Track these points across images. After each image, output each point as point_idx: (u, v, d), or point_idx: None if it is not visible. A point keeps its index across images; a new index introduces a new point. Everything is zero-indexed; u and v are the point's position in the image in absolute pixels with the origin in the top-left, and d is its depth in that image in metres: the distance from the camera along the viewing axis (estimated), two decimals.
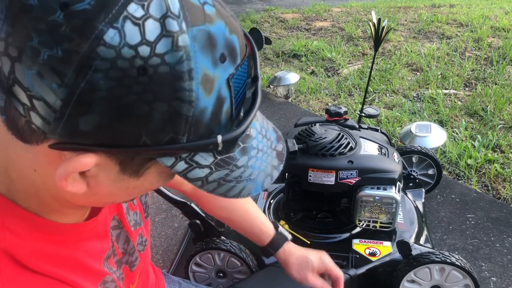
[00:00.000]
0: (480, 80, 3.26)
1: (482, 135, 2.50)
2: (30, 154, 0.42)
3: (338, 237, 1.44)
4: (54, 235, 0.49)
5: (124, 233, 0.66)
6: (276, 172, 0.49)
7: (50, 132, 0.37)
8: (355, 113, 2.83)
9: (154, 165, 0.42)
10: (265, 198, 1.65)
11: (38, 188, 0.46)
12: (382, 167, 1.32)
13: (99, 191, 0.44)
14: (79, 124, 0.36)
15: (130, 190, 0.45)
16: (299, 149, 1.34)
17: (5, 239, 0.44)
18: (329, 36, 4.47)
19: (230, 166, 0.43)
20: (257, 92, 0.44)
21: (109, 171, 0.41)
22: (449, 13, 5.01)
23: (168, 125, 0.37)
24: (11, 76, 0.36)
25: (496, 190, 2.10)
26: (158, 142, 0.38)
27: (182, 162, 0.41)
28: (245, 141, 0.45)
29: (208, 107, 0.38)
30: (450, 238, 1.77)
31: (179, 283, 1.01)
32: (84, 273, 0.52)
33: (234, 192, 0.45)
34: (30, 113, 0.37)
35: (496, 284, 1.56)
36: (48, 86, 0.35)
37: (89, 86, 0.34)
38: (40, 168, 0.43)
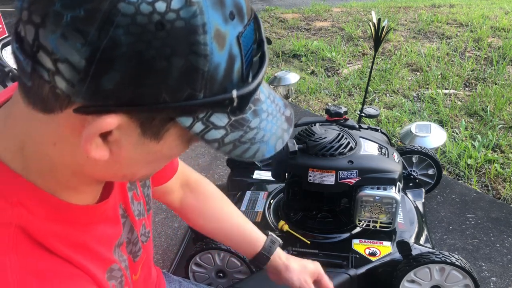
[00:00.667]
0: (480, 80, 3.26)
1: (482, 135, 2.50)
2: (50, 127, 0.43)
3: (338, 237, 1.44)
4: (66, 216, 0.50)
5: (129, 222, 0.66)
6: (287, 135, 0.51)
7: (74, 94, 0.38)
8: (355, 113, 2.83)
9: (174, 126, 0.43)
10: (265, 198, 1.65)
11: (55, 164, 0.47)
12: (382, 167, 1.32)
13: (120, 159, 0.45)
14: (102, 83, 0.37)
15: (150, 157, 0.46)
16: (299, 149, 1.34)
17: (21, 216, 0.45)
18: (329, 36, 4.47)
19: (244, 127, 0.45)
20: (264, 54, 0.46)
21: (130, 135, 0.42)
22: (449, 13, 5.02)
23: (185, 80, 0.39)
24: (35, 43, 0.38)
25: (496, 190, 2.10)
26: (177, 99, 0.40)
27: (199, 123, 0.42)
28: (256, 104, 0.47)
29: (221, 63, 0.40)
30: (450, 238, 1.77)
31: (179, 282, 1.01)
32: (92, 259, 0.52)
33: (249, 153, 0.47)
34: (55, 77, 0.38)
35: (496, 284, 1.56)
36: (72, 46, 0.36)
37: (111, 43, 0.36)
38: (60, 140, 0.44)
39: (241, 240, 0.94)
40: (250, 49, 0.43)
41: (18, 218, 0.45)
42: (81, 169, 0.47)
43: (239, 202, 1.65)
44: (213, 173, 2.26)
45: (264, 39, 0.46)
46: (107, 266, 0.56)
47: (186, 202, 0.94)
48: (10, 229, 0.44)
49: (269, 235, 0.94)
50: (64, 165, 0.47)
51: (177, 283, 1.00)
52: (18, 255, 0.43)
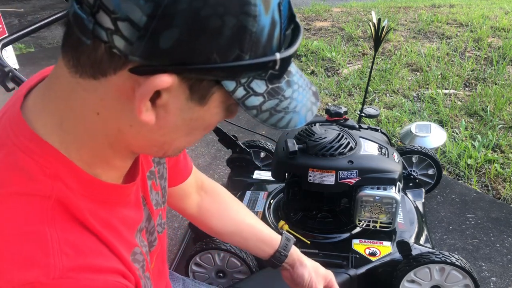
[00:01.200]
0: (480, 80, 3.26)
1: (482, 135, 2.50)
2: (96, 94, 0.44)
3: (338, 237, 1.44)
4: (97, 193, 0.51)
5: (147, 210, 0.67)
6: (315, 108, 0.52)
7: (132, 53, 0.40)
8: (355, 113, 2.83)
9: (218, 91, 0.45)
10: (265, 198, 1.65)
11: (95, 136, 0.48)
12: (382, 167, 1.33)
13: (165, 123, 0.46)
14: (160, 40, 0.39)
15: (192, 123, 0.48)
16: (299, 149, 1.34)
17: (60, 189, 0.46)
18: (329, 36, 4.47)
19: (279, 96, 0.47)
20: (299, 26, 0.48)
21: (178, 98, 0.44)
22: (449, 13, 5.01)
23: (235, 40, 0.41)
24: (96, 3, 0.39)
25: (496, 190, 2.10)
26: (226, 59, 0.41)
27: (241, 88, 0.44)
28: (288, 75, 0.49)
29: (266, 27, 0.42)
30: (450, 238, 1.77)
31: (183, 280, 1.02)
32: (119, 239, 0.53)
33: (283, 122, 0.48)
34: (113, 36, 0.39)
35: (496, 284, 1.56)
36: (135, 3, 0.38)
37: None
38: (105, 108, 0.45)
39: (259, 241, 0.93)
40: (285, 19, 0.45)
41: (57, 192, 0.46)
42: (122, 137, 0.48)
43: None
44: (213, 173, 2.26)
45: (295, 14, 0.48)
46: (131, 248, 0.57)
47: (204, 206, 0.93)
48: (50, 202, 0.45)
49: (283, 233, 0.94)
50: (105, 136, 0.48)
51: (181, 281, 1.01)
52: (57, 227, 0.45)
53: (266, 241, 0.93)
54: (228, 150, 1.82)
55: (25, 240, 0.42)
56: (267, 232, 0.94)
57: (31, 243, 0.42)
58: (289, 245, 0.93)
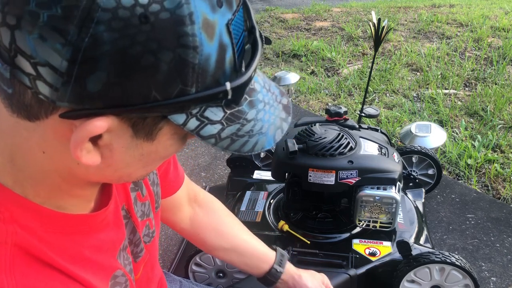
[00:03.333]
0: (480, 80, 3.26)
1: (482, 135, 2.50)
2: (37, 134, 0.41)
3: (338, 237, 1.44)
4: (62, 227, 0.48)
5: (131, 223, 0.65)
6: (286, 124, 0.49)
7: (59, 99, 0.36)
8: (355, 113, 2.83)
9: (167, 125, 0.41)
10: (265, 198, 1.65)
11: (47, 172, 0.45)
12: (382, 167, 1.32)
13: (113, 162, 0.43)
14: (87, 85, 0.35)
15: (145, 158, 0.45)
16: (299, 149, 1.34)
17: (16, 233, 0.43)
18: (329, 36, 4.47)
19: (240, 120, 0.43)
20: (256, 42, 0.43)
21: (122, 137, 0.41)
22: (449, 13, 5.01)
23: (176, 75, 0.37)
24: (12, 46, 0.36)
25: (496, 190, 2.10)
26: (168, 96, 0.37)
27: (193, 119, 0.40)
28: (251, 95, 0.44)
29: (212, 54, 0.38)
30: (450, 238, 1.77)
31: (180, 281, 1.01)
32: (93, 269, 0.51)
33: (248, 147, 0.45)
34: (37, 82, 0.36)
35: (496, 284, 1.56)
36: (51, 47, 0.34)
37: (93, 41, 0.34)
38: (49, 148, 0.42)
39: (254, 257, 0.91)
40: (241, 36, 0.41)
41: (13, 236, 0.43)
42: (74, 174, 0.45)
43: (239, 202, 1.65)
44: (213, 173, 2.26)
45: (255, 25, 0.44)
46: (110, 274, 0.55)
47: (197, 220, 0.90)
48: (6, 248, 0.43)
49: (277, 249, 0.93)
50: (56, 172, 0.45)
51: (178, 283, 1.00)
52: (15, 274, 0.42)
53: (261, 257, 0.91)
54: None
55: None
56: (262, 248, 0.92)
57: None
58: (284, 260, 0.92)
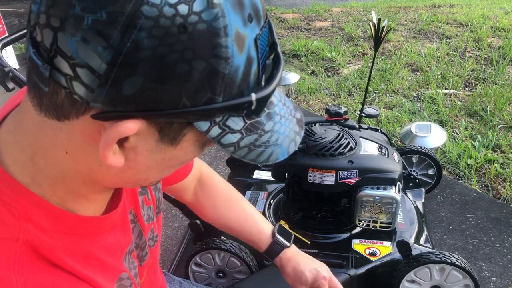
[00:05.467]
0: (480, 80, 3.26)
1: (482, 135, 2.50)
2: (63, 134, 0.42)
3: (338, 237, 1.44)
4: (73, 228, 0.49)
5: (138, 227, 0.66)
6: (299, 138, 0.51)
7: (93, 100, 0.38)
8: (355, 113, 2.83)
9: (191, 131, 0.43)
10: (265, 198, 1.65)
11: (67, 173, 0.46)
12: (382, 167, 1.32)
13: (135, 165, 0.45)
14: (123, 88, 0.37)
15: (165, 163, 0.46)
16: (299, 149, 1.34)
17: (28, 231, 0.44)
18: (329, 36, 4.47)
19: (258, 131, 0.45)
20: (279, 56, 0.46)
21: (148, 141, 0.42)
22: (449, 13, 5.01)
23: (206, 84, 0.38)
24: (53, 47, 0.37)
25: (496, 190, 2.10)
26: (197, 103, 0.39)
27: (216, 127, 0.42)
28: (269, 107, 0.47)
29: (240, 66, 0.40)
30: (450, 238, 1.77)
31: (180, 282, 1.01)
32: (101, 270, 0.52)
33: (264, 157, 0.47)
34: (73, 82, 0.37)
35: (496, 284, 1.56)
36: (93, 50, 0.35)
37: (134, 46, 0.35)
38: (73, 148, 0.43)
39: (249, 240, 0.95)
40: (265, 52, 0.43)
41: (25, 234, 0.44)
42: (93, 176, 0.47)
43: None
44: None
45: (277, 41, 0.46)
46: (116, 276, 0.55)
47: (198, 196, 0.96)
48: (17, 245, 0.43)
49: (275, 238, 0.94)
50: (76, 173, 0.46)
51: (178, 284, 1.00)
52: (24, 271, 0.43)
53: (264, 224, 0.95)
54: None
55: None
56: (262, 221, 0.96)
57: None
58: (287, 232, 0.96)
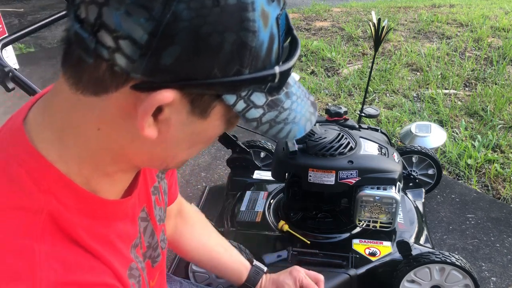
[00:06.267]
0: (480, 80, 3.26)
1: (482, 135, 2.50)
2: (97, 110, 0.44)
3: (338, 237, 1.44)
4: (93, 209, 0.50)
5: (150, 226, 0.66)
6: (314, 118, 0.54)
7: (134, 70, 0.40)
8: (355, 113, 2.83)
9: (219, 104, 0.45)
10: (265, 198, 1.65)
11: (96, 151, 0.48)
12: (382, 167, 1.32)
13: (167, 138, 0.47)
14: (162, 58, 0.40)
15: (194, 137, 0.49)
16: (299, 149, 1.34)
17: (51, 204, 0.46)
18: (329, 36, 4.47)
19: (278, 108, 0.48)
20: (296, 38, 0.49)
21: (180, 112, 0.45)
22: (449, 13, 5.01)
23: (235, 56, 0.41)
24: (97, 22, 0.40)
25: (496, 190, 2.10)
26: (227, 74, 0.42)
27: (241, 101, 0.45)
28: (287, 87, 0.50)
29: (264, 41, 0.43)
30: (450, 238, 1.77)
31: (180, 282, 1.01)
32: (115, 254, 0.52)
33: (283, 133, 0.50)
34: (115, 55, 0.40)
35: (496, 284, 1.56)
36: (136, 22, 0.38)
37: (174, 18, 0.38)
38: (106, 124, 0.46)
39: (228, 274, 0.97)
40: (283, 32, 0.46)
41: (49, 207, 0.46)
42: (124, 152, 0.49)
43: (239, 202, 1.65)
44: (213, 173, 2.26)
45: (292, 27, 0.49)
46: (128, 264, 0.56)
47: (178, 229, 0.95)
48: (41, 217, 0.45)
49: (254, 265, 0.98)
50: (106, 151, 0.48)
51: (178, 284, 1.00)
52: (46, 242, 0.44)
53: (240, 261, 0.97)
54: (228, 150, 1.82)
55: (13, 255, 0.42)
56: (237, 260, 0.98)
57: (18, 258, 0.42)
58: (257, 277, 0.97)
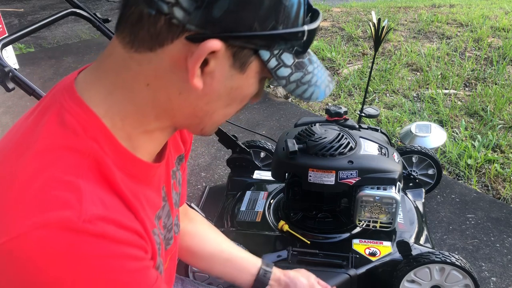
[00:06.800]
0: (480, 80, 3.26)
1: (482, 135, 2.50)
2: (151, 65, 0.50)
3: (338, 237, 1.44)
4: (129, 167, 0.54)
5: (167, 206, 0.68)
6: (332, 85, 0.60)
7: (189, 22, 0.46)
8: (355, 113, 2.83)
9: (255, 60, 0.51)
10: (265, 198, 1.65)
11: (142, 106, 0.53)
12: (382, 167, 1.32)
13: (210, 90, 0.52)
14: (213, 10, 0.46)
15: (232, 93, 0.54)
16: (299, 149, 1.34)
17: (97, 151, 0.51)
18: (329, 36, 4.47)
19: (303, 70, 0.55)
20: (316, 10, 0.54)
21: (223, 66, 0.50)
22: (449, 13, 5.01)
23: (273, 12, 0.48)
24: None
25: (496, 190, 2.10)
26: (265, 28, 0.48)
27: (274, 58, 0.51)
28: (309, 54, 0.56)
29: (294, 4, 0.49)
30: (450, 238, 1.77)
31: (182, 280, 1.02)
32: (144, 212, 0.55)
33: (307, 94, 0.56)
34: (174, 8, 0.46)
35: (496, 284, 1.56)
36: None
37: None
38: (157, 78, 0.51)
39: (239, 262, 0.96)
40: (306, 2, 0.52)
41: (95, 152, 0.50)
42: (169, 106, 0.53)
43: (239, 202, 1.65)
44: (213, 173, 2.26)
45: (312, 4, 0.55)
46: (152, 227, 0.58)
47: (185, 229, 0.96)
48: (88, 159, 0.50)
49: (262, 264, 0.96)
50: (152, 106, 0.53)
51: (180, 281, 1.01)
52: (90, 183, 0.48)
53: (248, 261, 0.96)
54: (228, 150, 1.82)
55: (63, 187, 0.47)
56: (247, 254, 0.97)
57: (67, 190, 0.46)
58: (270, 263, 0.97)
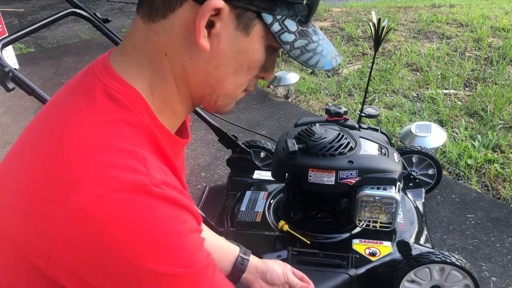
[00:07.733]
0: (480, 80, 3.26)
1: (482, 135, 2.50)
2: (166, 33, 0.54)
3: (338, 237, 1.44)
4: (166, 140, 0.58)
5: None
6: (340, 59, 0.60)
7: None
8: (355, 113, 2.83)
9: (259, 24, 0.54)
10: (265, 198, 1.65)
11: (165, 77, 0.57)
12: (382, 167, 1.32)
13: (217, 53, 0.55)
14: None
15: (238, 57, 0.56)
16: (299, 149, 1.34)
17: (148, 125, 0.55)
18: (329, 36, 4.47)
19: (308, 38, 0.56)
20: None
21: (228, 28, 0.53)
22: (449, 13, 5.01)
23: None
24: None
25: (496, 190, 2.10)
26: None
27: (277, 23, 0.54)
28: (314, 25, 0.58)
29: None
30: (450, 238, 1.77)
31: None
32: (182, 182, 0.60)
33: (313, 61, 0.57)
34: None
35: (496, 284, 1.56)
36: None
37: None
38: (172, 46, 0.55)
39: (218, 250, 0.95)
40: None
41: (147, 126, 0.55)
42: (185, 75, 0.57)
43: (239, 202, 1.65)
44: (213, 173, 2.26)
45: None
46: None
47: None
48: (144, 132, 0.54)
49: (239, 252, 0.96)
50: (172, 75, 0.57)
51: None
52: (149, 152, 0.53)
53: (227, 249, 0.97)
54: (228, 150, 1.82)
55: (131, 156, 0.51)
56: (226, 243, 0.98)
57: (135, 159, 0.51)
58: (248, 252, 0.97)
